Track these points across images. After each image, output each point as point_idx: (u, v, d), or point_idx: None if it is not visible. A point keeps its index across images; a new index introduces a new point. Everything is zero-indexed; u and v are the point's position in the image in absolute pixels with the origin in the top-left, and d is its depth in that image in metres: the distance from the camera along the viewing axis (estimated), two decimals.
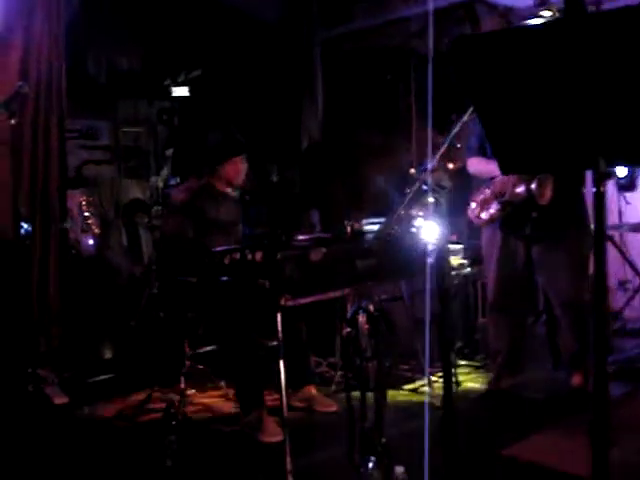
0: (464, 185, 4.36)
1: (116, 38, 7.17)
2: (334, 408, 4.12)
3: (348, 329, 2.67)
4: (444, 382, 2.06)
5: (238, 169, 4.52)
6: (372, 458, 2.79)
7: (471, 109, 1.94)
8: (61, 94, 4.97)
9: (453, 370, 4.72)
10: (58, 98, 4.94)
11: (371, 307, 2.67)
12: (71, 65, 5.37)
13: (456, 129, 2.03)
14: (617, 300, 5.52)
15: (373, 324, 2.66)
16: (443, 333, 2.01)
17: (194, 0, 6.80)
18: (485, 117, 1.97)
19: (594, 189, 1.86)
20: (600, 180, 1.84)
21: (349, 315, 2.70)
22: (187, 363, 4.13)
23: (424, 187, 2.05)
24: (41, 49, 4.94)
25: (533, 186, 3.89)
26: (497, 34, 1.94)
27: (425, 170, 1.94)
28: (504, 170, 2.11)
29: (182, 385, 4.09)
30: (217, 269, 3.48)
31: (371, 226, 3.94)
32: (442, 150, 2.03)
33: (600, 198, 1.86)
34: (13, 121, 3.93)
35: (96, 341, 5.76)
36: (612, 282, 5.60)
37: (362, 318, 2.67)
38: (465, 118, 1.98)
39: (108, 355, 5.70)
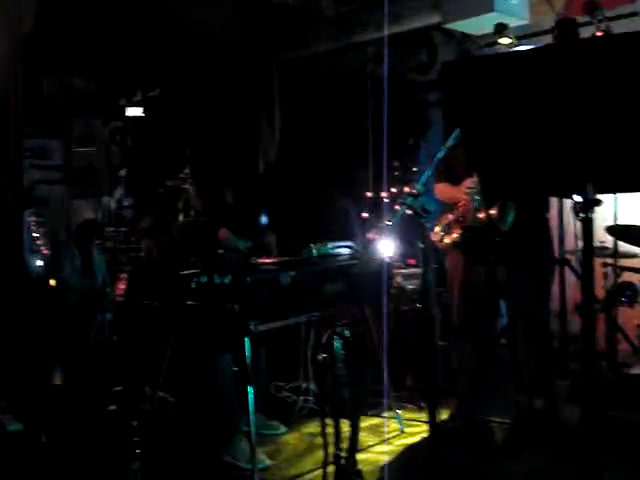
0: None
1: (71, 56, 7.05)
2: None
3: (324, 355, 2.63)
4: (428, 408, 2.03)
5: None
6: None
7: (456, 132, 1.94)
8: (18, 112, 4.84)
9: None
10: (15, 116, 4.81)
11: (347, 332, 2.63)
12: (25, 83, 5.24)
13: (441, 154, 2.02)
14: (574, 324, 5.57)
15: (349, 350, 2.62)
16: (428, 357, 1.98)
17: (152, 19, 6.73)
18: (471, 142, 1.97)
19: (582, 215, 1.87)
20: (588, 207, 1.85)
21: (324, 340, 2.65)
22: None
23: (408, 212, 2.03)
24: None
25: (493, 211, 3.91)
26: (488, 59, 1.94)
27: (411, 195, 1.93)
28: (488, 198, 2.10)
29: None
30: (184, 293, 3.41)
31: (337, 249, 3.90)
32: (426, 175, 2.03)
33: (588, 224, 1.86)
34: None
35: (46, 366, 5.60)
36: (569, 306, 5.65)
37: (338, 343, 2.63)
38: (450, 143, 1.98)
39: (58, 381, 5.54)
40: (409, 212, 2.09)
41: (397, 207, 2.39)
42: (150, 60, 7.19)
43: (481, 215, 3.96)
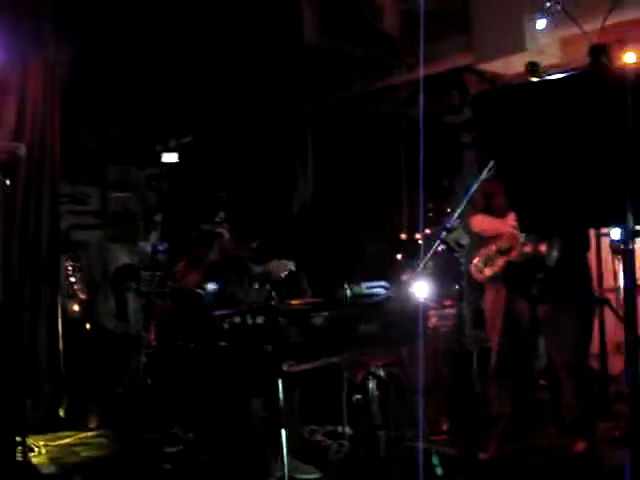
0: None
1: (107, 104, 7.18)
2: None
3: (358, 396, 2.57)
4: (468, 450, 1.96)
5: None
6: None
7: (490, 165, 1.92)
8: (54, 158, 4.92)
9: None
10: (51, 162, 4.89)
11: (382, 372, 2.57)
12: (61, 130, 5.33)
13: (475, 187, 2.00)
14: (614, 364, 5.42)
15: (384, 390, 2.56)
16: (466, 396, 1.92)
17: (186, 66, 6.85)
18: (506, 173, 1.93)
19: (622, 246, 1.81)
20: (629, 237, 1.79)
21: (358, 381, 2.59)
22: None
23: (441, 247, 1.99)
24: (36, 112, 4.90)
25: (543, 248, 3.86)
26: (519, 87, 1.91)
27: (445, 229, 1.89)
28: (524, 229, 2.05)
29: None
30: (216, 334, 3.39)
31: (371, 290, 3.85)
32: (460, 209, 2.00)
33: (630, 255, 1.81)
34: (8, 182, 3.84)
35: (82, 408, 5.60)
36: (609, 346, 5.50)
37: (372, 384, 2.57)
38: (484, 175, 1.95)
39: (93, 424, 5.54)
40: (442, 247, 2.05)
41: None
42: (183, 106, 7.29)
43: (528, 249, 3.90)
